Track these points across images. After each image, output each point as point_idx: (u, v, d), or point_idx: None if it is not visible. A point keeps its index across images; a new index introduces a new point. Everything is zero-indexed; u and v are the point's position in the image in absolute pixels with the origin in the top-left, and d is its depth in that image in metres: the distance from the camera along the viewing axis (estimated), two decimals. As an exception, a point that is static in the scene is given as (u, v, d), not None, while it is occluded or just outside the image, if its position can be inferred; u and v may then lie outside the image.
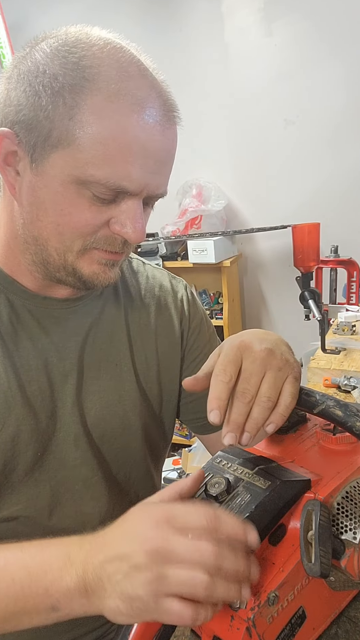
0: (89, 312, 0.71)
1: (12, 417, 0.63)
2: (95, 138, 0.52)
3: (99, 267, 0.61)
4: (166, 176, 0.59)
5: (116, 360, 0.73)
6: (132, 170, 0.54)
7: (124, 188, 0.54)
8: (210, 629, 0.46)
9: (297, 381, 0.54)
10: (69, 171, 0.53)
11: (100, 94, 0.52)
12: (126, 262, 0.80)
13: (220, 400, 0.50)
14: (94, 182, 0.53)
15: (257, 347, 0.53)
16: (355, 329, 1.54)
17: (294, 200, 2.47)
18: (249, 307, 2.79)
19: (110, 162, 0.53)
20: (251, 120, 2.47)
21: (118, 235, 0.58)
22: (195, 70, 2.51)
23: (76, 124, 0.52)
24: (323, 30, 2.23)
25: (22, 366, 0.65)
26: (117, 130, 0.52)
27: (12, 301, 0.65)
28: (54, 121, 0.52)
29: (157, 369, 0.77)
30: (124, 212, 0.57)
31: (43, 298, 0.67)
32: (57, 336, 0.68)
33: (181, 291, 0.83)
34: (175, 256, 2.56)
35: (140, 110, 0.53)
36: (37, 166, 0.55)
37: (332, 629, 0.53)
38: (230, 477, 0.49)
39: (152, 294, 0.79)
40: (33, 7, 2.77)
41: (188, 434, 2.56)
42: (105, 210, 0.56)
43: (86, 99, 0.51)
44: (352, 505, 0.48)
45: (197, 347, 0.82)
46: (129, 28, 2.56)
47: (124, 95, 0.52)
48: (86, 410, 0.69)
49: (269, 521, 0.46)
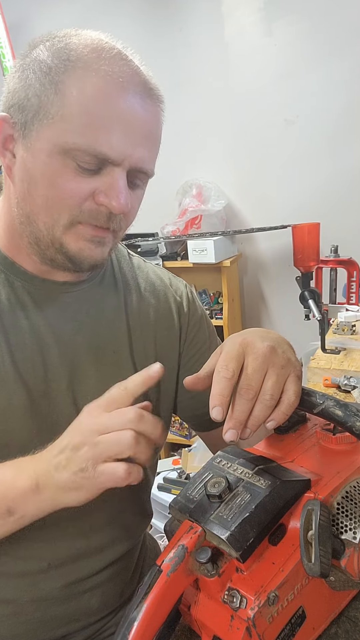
0: (88, 298, 0.73)
1: (3, 391, 0.64)
2: (77, 108, 0.55)
3: (85, 244, 0.62)
4: (149, 150, 0.61)
5: (114, 348, 0.74)
6: (112, 138, 0.56)
7: (104, 155, 0.56)
8: (210, 628, 0.46)
9: (299, 380, 0.54)
10: (54, 141, 0.56)
11: (82, 70, 0.56)
12: (126, 258, 0.81)
13: (223, 396, 0.50)
14: (76, 149, 0.56)
15: (259, 345, 0.53)
16: (355, 329, 1.53)
17: (294, 200, 2.47)
18: (249, 307, 2.79)
19: (91, 130, 0.56)
20: (251, 120, 2.47)
21: (102, 205, 0.59)
22: (195, 70, 2.51)
23: (60, 97, 0.56)
24: (323, 30, 2.23)
25: (17, 344, 0.66)
26: (97, 100, 0.56)
27: (11, 282, 0.67)
28: (40, 97, 0.57)
29: (155, 360, 0.77)
30: (107, 183, 0.58)
31: (42, 280, 0.68)
32: (55, 319, 0.69)
33: (181, 288, 0.84)
34: (175, 256, 2.56)
35: (119, 83, 0.57)
36: (27, 142, 0.58)
37: (332, 629, 0.53)
38: (230, 477, 0.49)
39: (152, 288, 0.80)
40: (33, 7, 2.77)
41: (188, 434, 2.56)
42: (89, 182, 0.58)
43: (70, 75, 0.56)
44: (352, 505, 0.48)
45: (195, 343, 0.82)
46: (129, 28, 2.57)
47: (104, 71, 0.56)
48: (81, 394, 0.70)
49: (269, 521, 0.46)
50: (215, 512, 0.46)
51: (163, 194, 2.14)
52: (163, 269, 0.85)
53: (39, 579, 0.69)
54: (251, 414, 0.51)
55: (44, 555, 0.69)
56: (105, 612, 0.77)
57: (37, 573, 0.69)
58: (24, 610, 0.70)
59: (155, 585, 0.44)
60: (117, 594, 0.77)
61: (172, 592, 0.45)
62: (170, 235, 2.47)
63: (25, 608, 0.70)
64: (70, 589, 0.71)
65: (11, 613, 0.69)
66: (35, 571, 0.69)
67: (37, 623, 0.71)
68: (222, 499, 0.47)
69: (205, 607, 0.47)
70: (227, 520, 0.45)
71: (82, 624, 0.74)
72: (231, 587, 0.45)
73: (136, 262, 0.82)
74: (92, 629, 0.76)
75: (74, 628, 0.74)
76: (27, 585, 0.69)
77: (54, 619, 0.72)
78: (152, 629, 0.44)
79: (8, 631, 0.70)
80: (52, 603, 0.71)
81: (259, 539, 0.45)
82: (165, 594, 0.44)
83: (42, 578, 0.70)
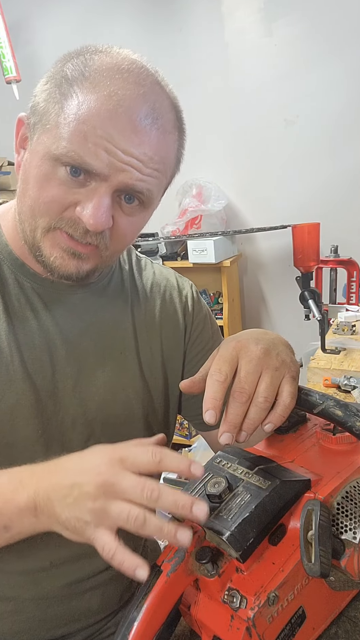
0: (95, 300, 0.73)
1: (12, 390, 0.64)
2: (72, 118, 0.56)
3: (59, 252, 0.62)
4: (143, 173, 0.59)
5: (121, 349, 0.74)
6: (98, 152, 0.56)
7: (89, 165, 0.57)
8: (210, 628, 0.46)
9: (294, 380, 0.54)
10: (48, 147, 0.58)
11: (89, 85, 0.57)
12: (134, 259, 0.82)
13: (216, 400, 0.50)
14: (64, 154, 0.56)
15: (252, 347, 0.53)
16: (355, 329, 1.54)
17: (294, 200, 2.47)
18: (249, 307, 2.79)
19: (80, 141, 0.56)
20: (251, 120, 2.47)
21: (79, 218, 0.59)
22: (195, 70, 2.51)
23: (61, 106, 0.57)
24: (323, 30, 2.23)
25: (26, 343, 0.67)
26: (92, 115, 0.56)
27: (21, 283, 0.68)
28: (47, 103, 0.59)
29: (162, 360, 0.78)
30: (88, 196, 0.58)
31: (51, 282, 0.69)
32: (63, 320, 0.70)
33: (187, 288, 0.84)
34: (175, 256, 2.56)
35: (117, 104, 0.56)
36: (31, 145, 0.61)
37: (332, 629, 0.53)
38: (230, 477, 0.49)
39: (157, 288, 0.81)
40: (33, 7, 2.77)
41: (188, 434, 2.56)
42: (74, 192, 0.58)
43: (77, 88, 0.57)
44: (352, 505, 0.48)
45: (199, 343, 0.83)
46: (129, 28, 2.57)
47: (109, 91, 0.56)
48: (89, 395, 0.70)
49: (269, 521, 0.45)
50: (215, 512, 0.46)
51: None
52: (169, 268, 0.86)
53: (40, 577, 0.70)
54: (246, 417, 0.51)
55: (46, 554, 0.69)
56: (105, 613, 0.77)
57: (39, 571, 0.70)
58: (25, 608, 0.70)
59: (155, 585, 0.44)
60: (118, 596, 0.78)
61: (172, 592, 0.45)
62: (170, 235, 2.47)
63: (26, 606, 0.70)
64: (71, 588, 0.72)
65: (12, 610, 0.70)
66: (37, 569, 0.70)
67: (38, 621, 0.71)
68: (222, 499, 0.47)
69: (205, 607, 0.47)
70: (227, 520, 0.45)
71: (82, 624, 0.75)
72: (231, 587, 0.45)
73: (143, 262, 0.83)
74: (91, 629, 0.76)
75: (73, 628, 0.74)
76: (29, 583, 0.70)
77: (54, 618, 0.72)
78: (152, 629, 0.44)
79: (8, 628, 0.70)
80: (53, 602, 0.71)
81: (259, 539, 0.45)
82: (165, 594, 0.44)
83: (44, 576, 0.70)
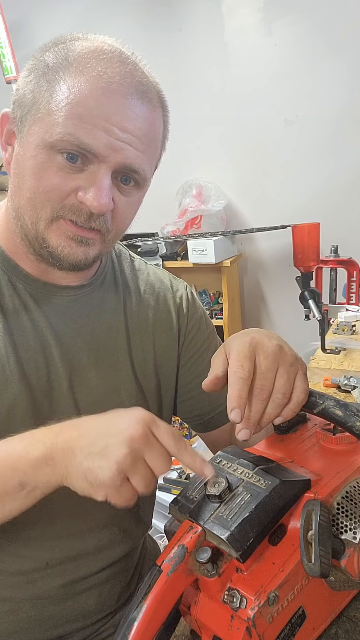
0: (88, 302, 0.73)
1: (8, 391, 0.64)
2: (64, 103, 0.56)
3: (65, 240, 0.62)
4: (141, 151, 0.60)
5: (113, 351, 0.74)
6: (96, 132, 0.56)
7: (87, 146, 0.57)
8: (210, 628, 0.46)
9: (306, 377, 0.55)
10: (42, 136, 0.57)
11: (75, 69, 0.57)
12: (128, 260, 0.82)
13: (241, 398, 0.50)
14: (60, 140, 0.56)
15: (268, 343, 0.54)
16: (355, 329, 1.54)
17: (294, 200, 2.47)
18: (249, 307, 2.79)
19: (75, 123, 0.56)
20: (251, 120, 2.48)
21: (82, 202, 0.59)
22: (195, 70, 2.51)
23: (50, 93, 0.57)
24: (323, 30, 2.23)
25: (22, 344, 0.66)
26: (84, 97, 0.56)
27: (14, 283, 0.68)
28: (35, 94, 0.58)
29: (154, 362, 0.78)
30: (89, 179, 0.59)
31: (44, 284, 0.69)
32: (56, 322, 0.70)
33: (181, 290, 0.84)
34: (175, 256, 2.56)
35: (110, 84, 0.57)
36: (21, 137, 0.60)
37: (332, 629, 0.53)
38: (230, 477, 0.49)
39: (151, 290, 0.81)
40: (33, 7, 2.78)
41: (188, 434, 2.56)
42: (73, 178, 0.58)
43: (63, 74, 0.57)
44: (352, 505, 0.48)
45: (194, 344, 0.82)
46: (128, 28, 2.57)
47: (97, 71, 0.57)
48: (81, 396, 0.70)
49: (269, 521, 0.45)
50: (215, 512, 0.46)
51: (163, 194, 2.14)
52: (164, 270, 0.86)
53: (36, 577, 0.70)
54: (264, 413, 0.52)
55: (42, 554, 0.69)
56: (102, 614, 0.77)
57: (35, 571, 0.69)
58: (21, 608, 0.70)
59: (155, 585, 0.44)
60: (115, 596, 0.77)
61: (172, 592, 0.45)
62: (170, 235, 2.47)
63: (22, 606, 0.70)
64: (67, 588, 0.71)
65: (8, 611, 0.70)
66: (33, 569, 0.69)
67: (34, 622, 0.71)
68: (222, 499, 0.47)
69: (205, 607, 0.47)
70: (227, 520, 0.45)
71: (78, 625, 0.74)
72: (231, 587, 0.45)
73: (137, 264, 0.83)
74: (88, 630, 0.76)
75: (70, 629, 0.74)
76: (25, 583, 0.69)
77: (50, 619, 0.72)
78: (152, 628, 0.44)
79: (4, 629, 0.70)
80: (49, 602, 0.71)
81: (259, 539, 0.44)
82: (165, 594, 0.44)
83: (40, 577, 0.70)
